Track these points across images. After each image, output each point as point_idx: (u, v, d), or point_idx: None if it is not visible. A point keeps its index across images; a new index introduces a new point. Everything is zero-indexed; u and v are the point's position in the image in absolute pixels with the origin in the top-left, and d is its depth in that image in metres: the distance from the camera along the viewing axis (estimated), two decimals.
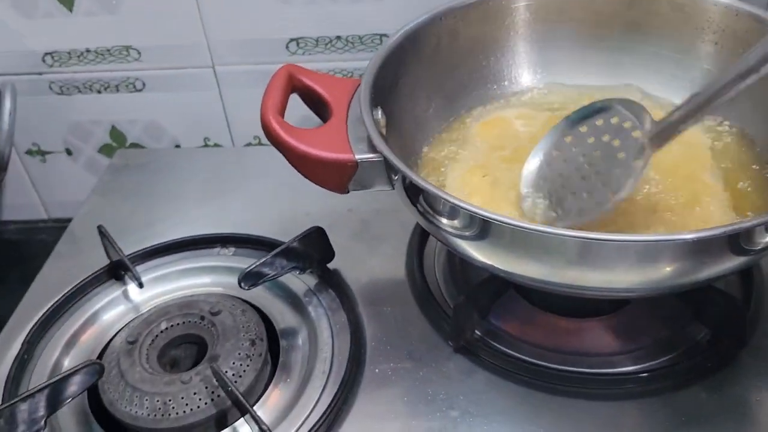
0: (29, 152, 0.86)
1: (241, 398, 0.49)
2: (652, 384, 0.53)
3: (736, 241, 0.44)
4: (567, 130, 0.53)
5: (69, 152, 0.86)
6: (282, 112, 0.53)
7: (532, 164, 0.54)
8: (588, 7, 0.63)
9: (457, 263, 0.64)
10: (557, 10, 0.63)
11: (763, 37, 0.41)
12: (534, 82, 0.65)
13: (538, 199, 0.52)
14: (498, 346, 0.56)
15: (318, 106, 0.57)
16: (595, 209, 0.49)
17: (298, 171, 0.53)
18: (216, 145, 0.84)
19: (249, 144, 0.84)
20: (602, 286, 0.47)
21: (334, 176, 0.53)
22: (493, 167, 0.58)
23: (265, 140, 0.82)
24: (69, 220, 0.91)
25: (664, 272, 0.45)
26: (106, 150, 0.85)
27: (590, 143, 0.51)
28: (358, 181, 0.53)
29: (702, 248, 0.44)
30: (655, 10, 0.62)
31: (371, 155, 0.52)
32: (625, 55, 0.63)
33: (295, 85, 0.57)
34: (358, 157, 0.52)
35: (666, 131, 0.47)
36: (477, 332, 0.56)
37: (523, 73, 0.65)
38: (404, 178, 0.50)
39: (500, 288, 0.57)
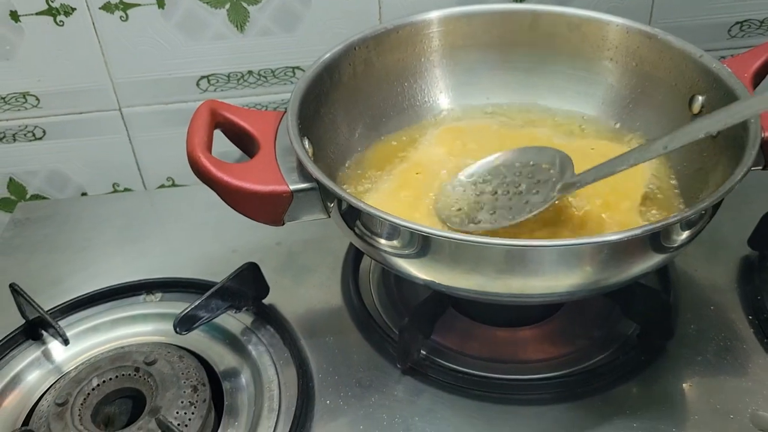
0: None
1: None
2: (591, 383, 0.55)
3: (656, 239, 0.47)
4: (505, 158, 0.58)
5: None
6: (209, 148, 0.52)
7: (461, 176, 0.58)
8: (492, 32, 0.66)
9: (393, 285, 0.64)
10: (464, 36, 0.66)
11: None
12: (449, 104, 0.67)
13: (455, 211, 0.56)
14: (444, 363, 0.56)
15: (243, 140, 0.57)
16: (496, 223, 0.54)
17: (232, 207, 0.52)
18: (126, 189, 0.81)
19: (162, 186, 0.81)
20: (538, 292, 0.49)
21: (269, 209, 0.52)
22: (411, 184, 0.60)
23: (179, 181, 0.81)
24: None
25: (592, 273, 0.48)
26: (3, 204, 0.80)
27: (518, 177, 0.56)
28: (294, 212, 0.53)
29: (626, 248, 0.47)
30: (554, 31, 0.66)
31: (305, 184, 0.52)
32: (533, 74, 0.66)
33: (218, 121, 0.56)
34: (292, 187, 0.51)
35: (572, 186, 0.52)
36: (423, 352, 0.57)
37: (439, 96, 0.67)
38: (341, 203, 0.50)
39: (441, 306, 0.58)
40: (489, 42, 0.66)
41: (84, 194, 0.81)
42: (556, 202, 0.53)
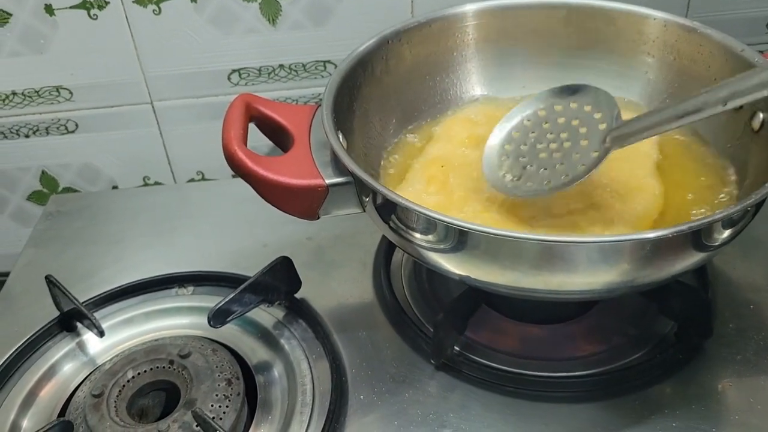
0: None
1: None
2: (627, 382, 0.54)
3: (698, 237, 0.47)
4: (542, 104, 0.55)
5: None
6: (245, 141, 0.52)
7: (499, 132, 0.55)
8: (527, 26, 0.65)
9: (425, 280, 0.64)
10: (498, 29, 0.65)
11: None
12: (482, 98, 0.66)
13: (502, 176, 0.53)
14: (477, 359, 0.56)
15: (277, 134, 0.57)
16: (547, 189, 0.51)
17: (267, 200, 0.52)
18: (157, 183, 0.81)
19: (192, 180, 0.81)
20: (576, 289, 0.49)
21: (304, 203, 0.52)
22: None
23: (209, 175, 0.81)
24: None
25: (631, 270, 0.47)
26: (36, 197, 0.81)
27: (560, 123, 0.53)
28: (329, 206, 0.53)
29: (667, 245, 0.46)
30: (589, 26, 0.65)
31: (341, 178, 0.51)
32: (568, 70, 0.65)
33: (252, 115, 0.56)
34: (328, 181, 0.51)
35: (629, 135, 0.49)
36: (456, 348, 0.56)
37: (471, 90, 0.66)
38: (376, 197, 0.50)
39: (476, 302, 0.57)
40: (523, 36, 0.65)
41: (115, 187, 0.81)
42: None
